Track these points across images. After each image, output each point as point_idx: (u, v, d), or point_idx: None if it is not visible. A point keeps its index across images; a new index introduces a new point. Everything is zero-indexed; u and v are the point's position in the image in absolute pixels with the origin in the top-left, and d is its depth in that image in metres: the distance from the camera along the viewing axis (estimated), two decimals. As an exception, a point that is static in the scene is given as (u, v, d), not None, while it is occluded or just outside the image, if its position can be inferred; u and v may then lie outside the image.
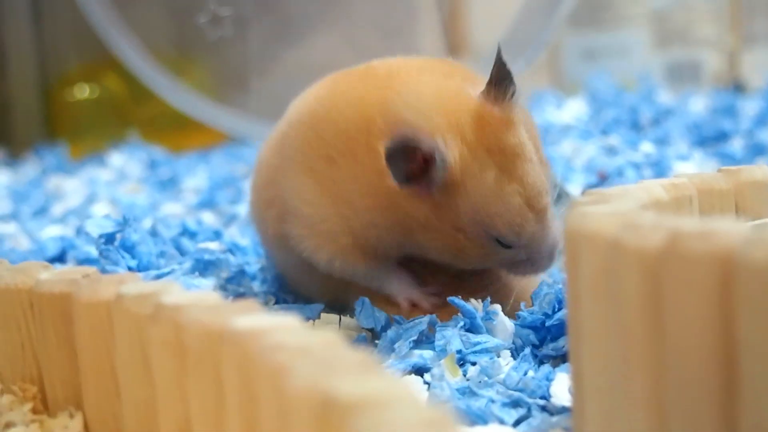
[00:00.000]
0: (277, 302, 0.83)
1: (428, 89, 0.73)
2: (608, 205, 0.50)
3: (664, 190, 0.58)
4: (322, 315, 0.77)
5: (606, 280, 0.45)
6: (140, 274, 0.80)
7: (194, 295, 0.49)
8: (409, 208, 0.71)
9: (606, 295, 0.45)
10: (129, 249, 0.84)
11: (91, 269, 0.57)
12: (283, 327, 0.43)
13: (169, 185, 1.48)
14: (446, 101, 0.72)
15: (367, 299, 0.75)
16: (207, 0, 1.33)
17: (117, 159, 1.72)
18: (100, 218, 0.86)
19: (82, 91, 1.92)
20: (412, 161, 0.69)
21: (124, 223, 0.85)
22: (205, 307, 0.47)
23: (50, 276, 0.57)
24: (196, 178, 1.50)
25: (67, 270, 0.58)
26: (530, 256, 0.73)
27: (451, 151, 0.69)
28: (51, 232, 1.17)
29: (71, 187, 1.51)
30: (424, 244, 0.73)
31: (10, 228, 1.25)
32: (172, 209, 1.28)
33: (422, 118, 0.70)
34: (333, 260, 0.76)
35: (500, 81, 0.71)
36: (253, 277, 0.87)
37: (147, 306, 0.50)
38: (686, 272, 0.41)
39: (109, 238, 0.84)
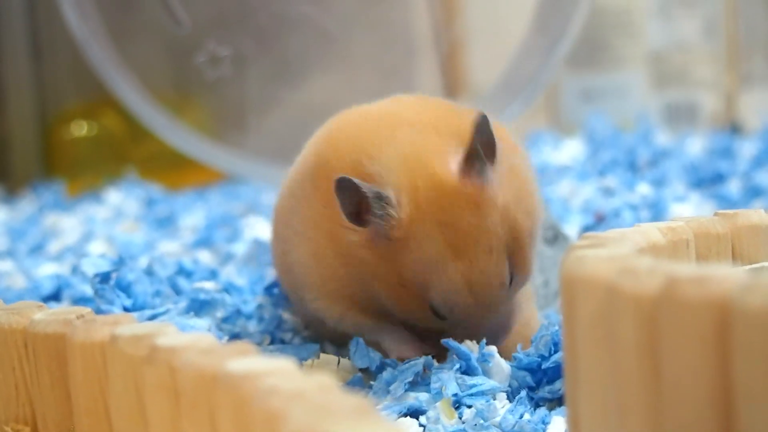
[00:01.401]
0: (272, 342, 0.83)
1: (399, 149, 0.71)
2: (605, 249, 0.50)
3: (661, 234, 0.58)
4: (321, 355, 0.77)
5: (602, 324, 0.45)
6: (135, 314, 0.80)
7: (189, 337, 0.48)
8: (361, 256, 0.71)
9: (602, 339, 0.45)
10: (124, 288, 0.84)
11: (86, 310, 0.57)
12: (277, 370, 0.43)
13: (166, 223, 1.47)
14: (413, 164, 0.70)
15: (361, 339, 0.75)
16: (205, 40, 1.34)
17: (114, 196, 1.72)
18: (96, 257, 0.86)
19: (80, 129, 1.92)
20: (359, 202, 0.69)
21: (120, 262, 0.85)
22: (199, 350, 0.46)
23: (44, 316, 0.57)
24: (193, 217, 1.50)
25: (62, 310, 0.57)
26: (468, 333, 0.72)
27: (398, 207, 0.68)
28: (47, 270, 1.17)
29: (68, 225, 1.51)
30: (381, 295, 0.72)
31: (5, 266, 1.25)
32: (169, 248, 1.28)
33: (384, 174, 0.70)
34: (331, 311, 0.76)
35: (471, 159, 0.69)
36: (249, 317, 0.86)
37: (141, 348, 0.49)
38: (683, 318, 0.41)
39: (105, 278, 0.84)
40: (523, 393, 0.69)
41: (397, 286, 0.70)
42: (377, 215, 0.68)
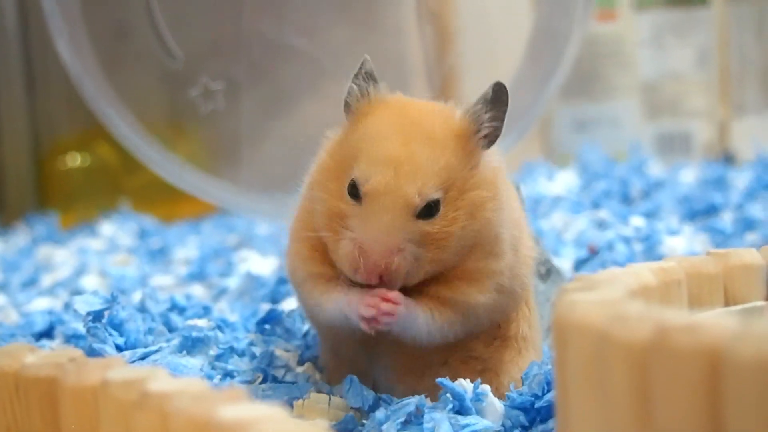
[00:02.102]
0: (265, 380, 0.82)
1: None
2: (596, 292, 0.50)
3: (653, 275, 0.58)
4: (313, 394, 0.76)
5: (594, 369, 0.45)
6: (127, 353, 0.80)
7: (181, 382, 0.48)
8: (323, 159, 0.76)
9: (594, 384, 0.45)
10: (117, 326, 0.84)
11: (78, 352, 0.57)
12: (268, 418, 0.43)
13: (159, 256, 1.47)
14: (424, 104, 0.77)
15: (355, 378, 0.75)
16: (199, 73, 1.34)
17: (107, 228, 1.72)
18: (89, 295, 0.85)
19: (74, 160, 1.93)
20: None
21: (112, 300, 0.84)
22: (191, 396, 0.46)
23: (36, 359, 0.57)
24: (186, 249, 1.49)
25: (53, 353, 0.57)
26: (358, 234, 0.70)
27: (378, 89, 0.75)
28: (39, 305, 1.16)
29: (61, 258, 1.50)
30: (318, 204, 0.74)
31: (-2, 300, 1.24)
32: (162, 281, 1.28)
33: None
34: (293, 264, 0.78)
35: (480, 102, 0.74)
36: (242, 354, 0.86)
37: (133, 392, 0.49)
38: (673, 365, 0.41)
39: (97, 316, 0.83)
40: (516, 432, 0.69)
41: (332, 175, 0.74)
42: (359, 84, 0.75)
